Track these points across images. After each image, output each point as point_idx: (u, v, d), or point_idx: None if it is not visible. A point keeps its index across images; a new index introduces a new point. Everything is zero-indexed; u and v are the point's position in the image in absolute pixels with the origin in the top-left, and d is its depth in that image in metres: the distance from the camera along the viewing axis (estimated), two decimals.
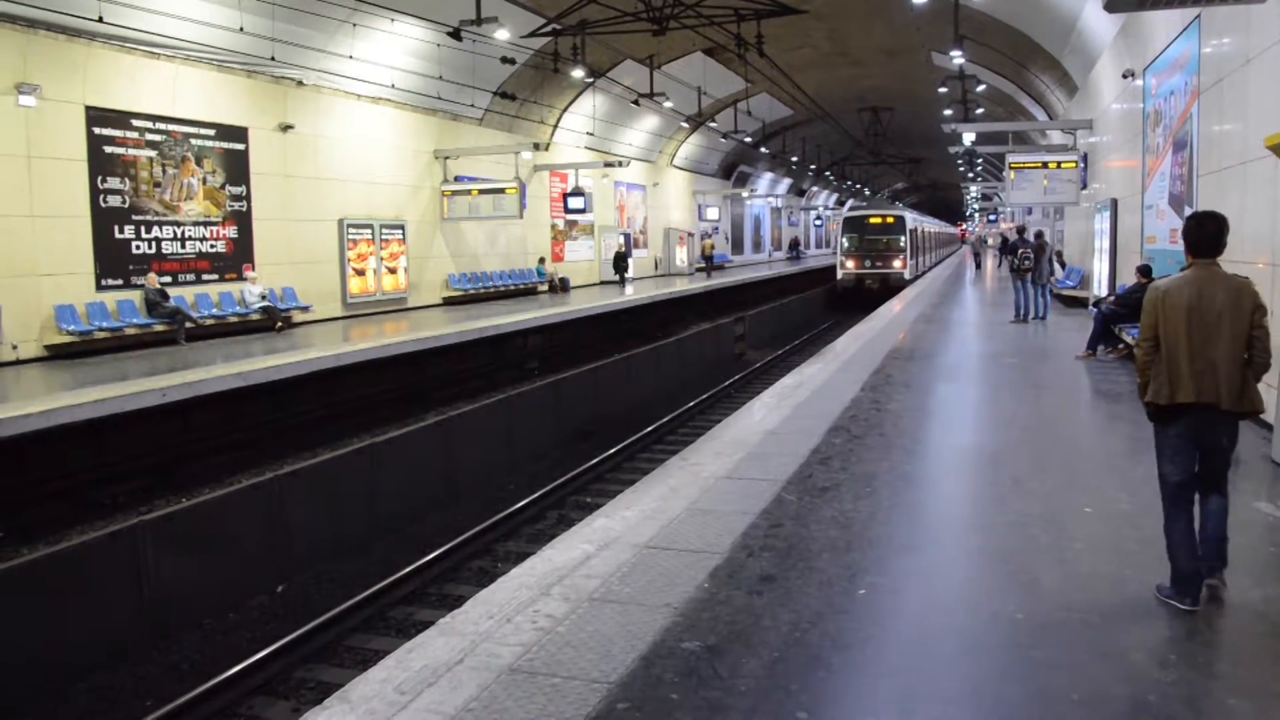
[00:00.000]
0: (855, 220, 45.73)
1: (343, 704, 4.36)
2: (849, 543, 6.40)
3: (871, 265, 43.41)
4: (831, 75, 40.19)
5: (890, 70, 40.10)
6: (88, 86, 17.94)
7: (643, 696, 4.34)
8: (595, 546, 6.32)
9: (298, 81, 22.61)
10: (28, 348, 16.96)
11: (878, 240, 44.20)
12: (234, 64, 20.65)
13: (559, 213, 35.49)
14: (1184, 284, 5.24)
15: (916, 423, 10.63)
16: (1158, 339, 5.28)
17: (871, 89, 44.63)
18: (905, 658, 4.82)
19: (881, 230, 44.41)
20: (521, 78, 29.33)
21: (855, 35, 34.60)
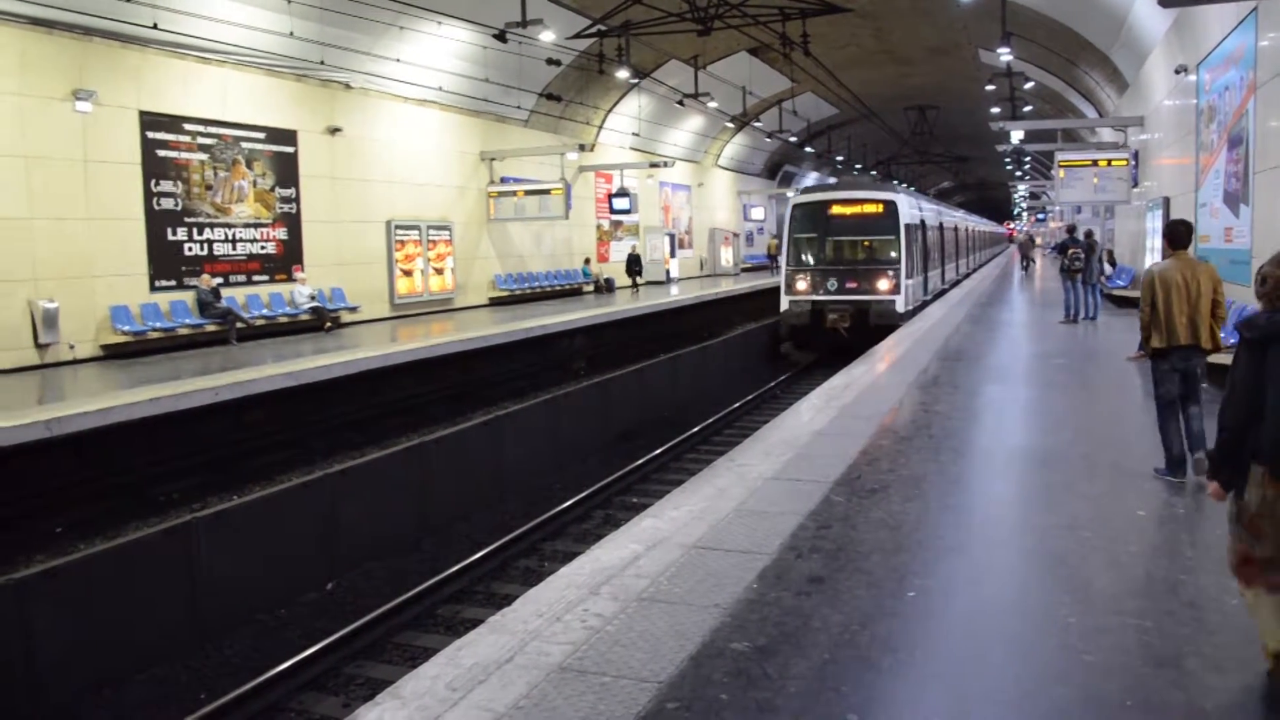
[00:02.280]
0: (812, 209, 25.29)
1: (395, 700, 4.40)
2: (898, 544, 6.37)
3: (839, 289, 24.07)
4: (877, 73, 39.94)
5: (936, 68, 39.78)
6: (141, 92, 18.24)
7: (692, 696, 4.35)
8: (644, 546, 6.33)
9: (345, 85, 22.83)
10: (84, 347, 17.27)
11: (851, 244, 25.46)
12: (283, 68, 20.90)
13: (604, 213, 35.59)
14: (1170, 268, 7.66)
15: (965, 424, 10.55)
16: (1154, 305, 7.66)
17: (917, 87, 44.25)
18: (956, 660, 4.79)
19: (857, 226, 25.08)
20: (567, 79, 29.42)
21: (901, 33, 34.37)
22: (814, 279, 24.26)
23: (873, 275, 23.89)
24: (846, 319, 23.52)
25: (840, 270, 24.26)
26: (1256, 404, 4.25)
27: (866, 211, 24.60)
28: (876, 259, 24.44)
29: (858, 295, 23.63)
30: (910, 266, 24.43)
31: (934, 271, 30.45)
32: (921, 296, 26.61)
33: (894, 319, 22.75)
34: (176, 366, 15.91)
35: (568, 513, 13.00)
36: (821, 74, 33.26)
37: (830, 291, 23.97)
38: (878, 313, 23.15)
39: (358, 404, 16.13)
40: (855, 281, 23.92)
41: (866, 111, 43.32)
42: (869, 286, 23.68)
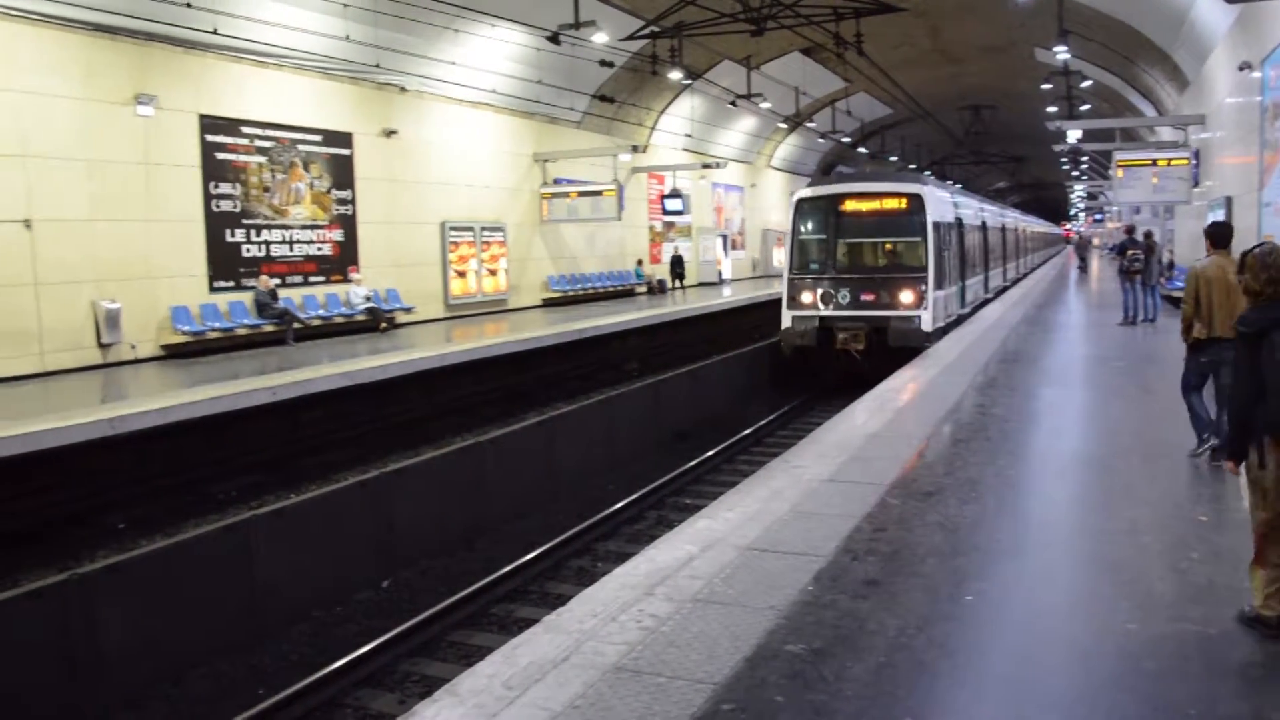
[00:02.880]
0: (819, 205, 21.07)
1: (451, 697, 4.44)
2: (954, 548, 6.32)
3: (852, 302, 20.12)
4: (931, 73, 39.61)
5: (992, 67, 39.37)
6: (201, 96, 18.54)
7: (747, 698, 4.35)
8: (698, 547, 6.34)
9: (400, 88, 23.04)
10: (145, 347, 17.59)
11: (867, 247, 21.44)
12: (339, 71, 21.14)
13: (657, 214, 35.62)
14: (1212, 266, 8.20)
15: (1022, 427, 10.44)
16: (1198, 301, 8.17)
17: (972, 86, 43.82)
18: (1013, 666, 4.75)
19: (875, 225, 21.03)
20: (619, 80, 29.49)
21: (956, 32, 34.07)
22: (822, 290, 20.09)
23: (893, 286, 19.63)
24: (861, 339, 19.43)
25: (854, 280, 20.11)
26: (1258, 388, 4.89)
27: (886, 208, 20.23)
28: (898, 266, 20.29)
29: (874, 310, 19.59)
30: (940, 274, 19.99)
31: (975, 279, 26.12)
32: (956, 310, 22.42)
33: (918, 339, 18.68)
34: (235, 366, 16.14)
35: (621, 513, 13.02)
36: (875, 74, 33.06)
37: (841, 305, 19.86)
38: (898, 332, 19.02)
39: (412, 404, 16.27)
40: (871, 293, 19.72)
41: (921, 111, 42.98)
42: (888, 300, 19.53)
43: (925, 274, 19.45)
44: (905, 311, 19.28)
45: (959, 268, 22.97)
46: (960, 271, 23.18)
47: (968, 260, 24.45)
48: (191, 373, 15.69)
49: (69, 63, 16.36)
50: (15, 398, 13.88)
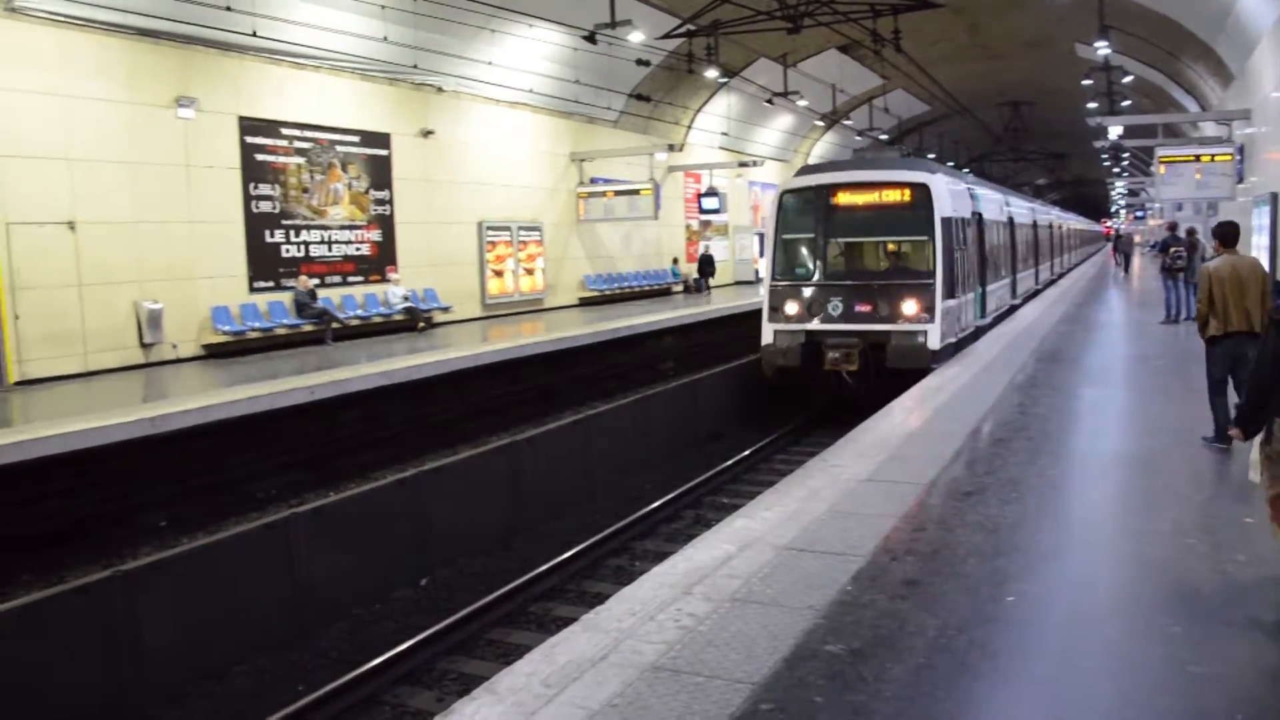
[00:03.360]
0: (806, 197, 17.89)
1: (490, 695, 4.46)
2: (995, 548, 6.26)
3: (844, 314, 17.03)
4: (969, 69, 39.31)
5: (1031, 63, 39.00)
6: (240, 98, 18.72)
7: (786, 698, 4.33)
8: (736, 547, 6.32)
9: (438, 88, 23.15)
10: (186, 347, 17.78)
11: (862, 248, 18.61)
12: (377, 73, 21.27)
13: (693, 213, 35.59)
14: (1223, 264, 8.67)
15: (1063, 426, 10.34)
16: (1212, 298, 8.60)
17: (1011, 82, 43.43)
18: (1056, 668, 4.70)
19: (872, 222, 17.88)
20: (656, 79, 29.48)
21: (994, 27, 33.78)
22: (808, 300, 16.92)
23: (894, 294, 16.42)
24: (853, 359, 16.16)
25: (846, 287, 16.82)
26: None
27: (886, 200, 16.99)
28: (900, 270, 17.34)
29: (870, 324, 16.36)
30: (952, 280, 16.85)
31: (999, 284, 22.80)
32: (973, 321, 19.04)
33: (923, 359, 15.65)
34: (274, 366, 16.28)
35: (658, 512, 13.02)
36: (913, 70, 32.85)
37: (832, 318, 16.65)
38: (899, 350, 15.92)
39: (449, 403, 16.34)
40: (868, 303, 16.53)
41: (959, 108, 42.67)
42: (888, 311, 16.33)
43: (933, 280, 16.20)
44: (908, 325, 16.12)
45: (977, 271, 19.73)
46: (980, 275, 19.92)
47: (990, 262, 21.21)
48: (231, 372, 15.84)
49: (112, 67, 16.56)
50: (60, 397, 14.08)
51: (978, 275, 19.65)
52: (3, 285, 15.05)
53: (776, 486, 7.98)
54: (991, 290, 21.33)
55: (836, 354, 16.33)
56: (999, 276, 22.85)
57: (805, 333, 16.77)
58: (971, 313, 18.87)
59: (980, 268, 19.97)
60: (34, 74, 15.48)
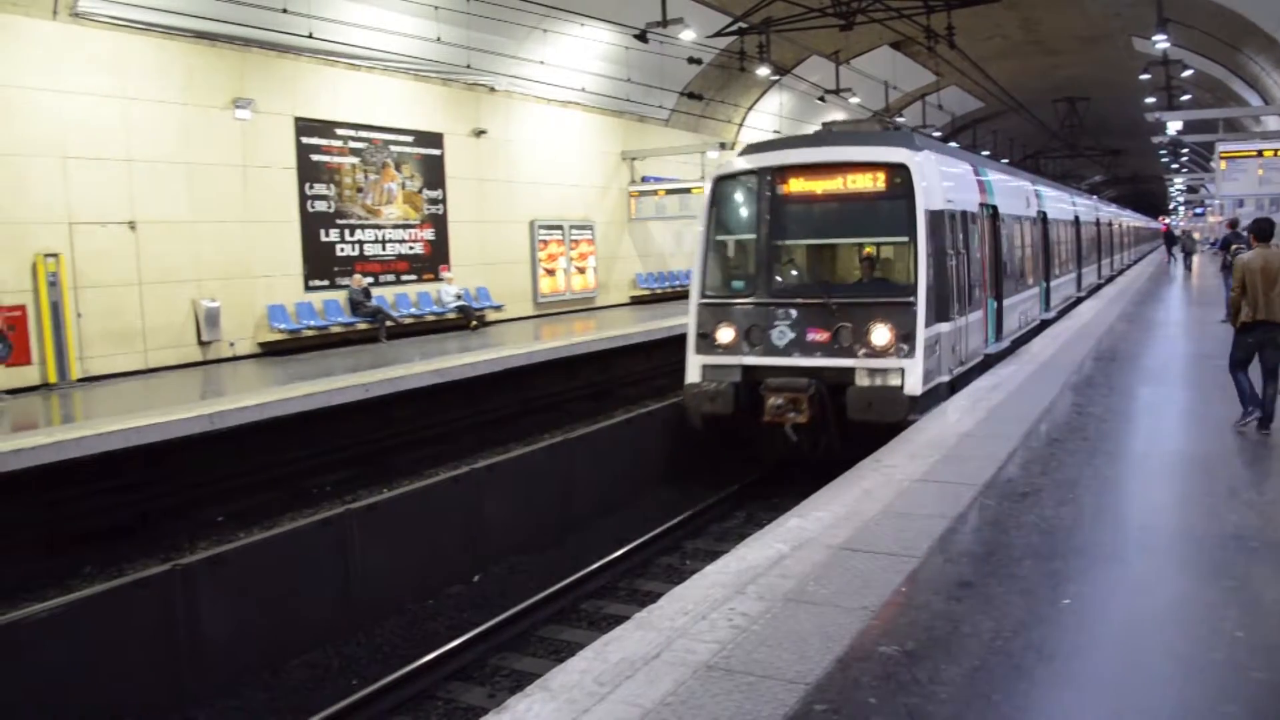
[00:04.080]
0: (750, 184, 13.33)
1: (543, 692, 4.48)
2: (1051, 550, 6.19)
3: (793, 345, 12.51)
4: (1024, 65, 38.84)
5: (1087, 58, 38.46)
6: (296, 99, 18.95)
7: (840, 699, 4.31)
8: (789, 546, 6.30)
9: (490, 88, 23.29)
10: (243, 345, 18.03)
11: (822, 255, 14.37)
12: (430, 73, 21.43)
13: None
14: (1257, 256, 9.26)
15: (1120, 427, 10.20)
16: (1244, 288, 9.21)
17: (1067, 78, 42.84)
18: (1114, 672, 4.64)
19: (833, 218, 13.37)
20: (707, 77, 29.44)
21: (1050, 23, 33.35)
22: (746, 324, 12.78)
23: (859, 318, 12.20)
24: (802, 407, 11.94)
25: (795, 308, 12.51)
26: None
27: (852, 188, 12.72)
28: (870, 284, 13.21)
29: (826, 358, 12.25)
30: (943, 296, 12.63)
31: (1022, 294, 18.30)
32: (980, 348, 14.74)
33: (896, 409, 11.60)
34: (329, 364, 16.45)
35: (709, 511, 13.01)
36: (966, 66, 32.51)
37: (776, 349, 12.52)
38: (862, 397, 11.83)
39: (502, 401, 16.43)
40: (823, 330, 12.31)
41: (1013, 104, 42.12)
42: (850, 340, 12.18)
43: (913, 297, 12.05)
44: (877, 361, 11.96)
45: (991, 281, 15.53)
46: (995, 286, 15.78)
47: (1009, 268, 16.95)
48: (287, 370, 16.03)
49: (171, 69, 16.84)
50: (121, 393, 14.34)
51: (991, 286, 15.51)
52: (66, 284, 15.35)
53: (829, 486, 7.94)
54: (1012, 305, 17.11)
55: (779, 400, 11.91)
56: (1024, 285, 18.63)
57: (741, 368, 12.62)
58: (978, 337, 14.57)
59: (995, 276, 15.75)
60: (96, 77, 15.79)
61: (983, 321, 15.00)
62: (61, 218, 15.39)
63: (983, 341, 14.97)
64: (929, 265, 12.15)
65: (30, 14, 14.89)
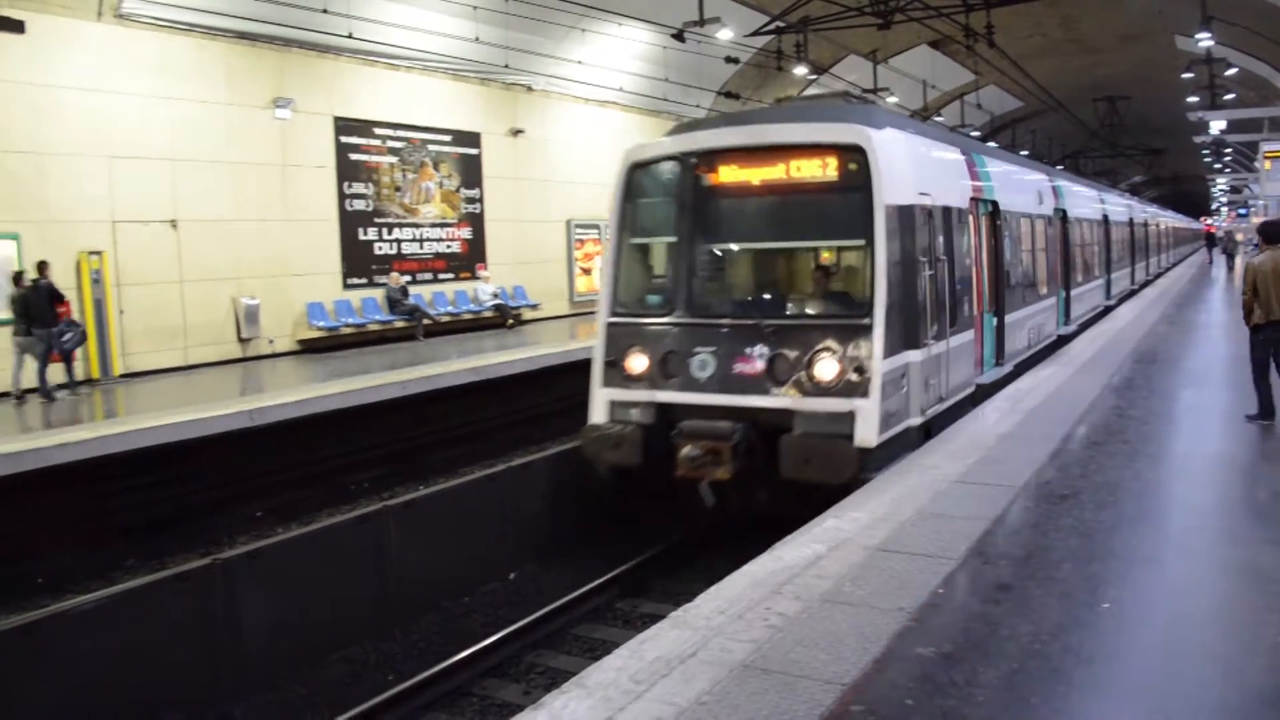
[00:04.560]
0: (671, 172, 10.61)
1: (580, 689, 4.50)
2: (1091, 553, 6.14)
3: (716, 378, 9.80)
4: (1064, 64, 38.50)
5: (1128, 56, 38.07)
6: (335, 98, 19.10)
7: (877, 700, 4.30)
8: (826, 547, 6.29)
9: (527, 87, 23.37)
10: (282, 342, 18.21)
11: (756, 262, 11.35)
12: (468, 72, 21.53)
13: None
14: (1265, 260, 9.57)
15: (1161, 429, 10.09)
16: (1255, 289, 9.51)
17: (1107, 76, 42.41)
18: (1155, 677, 4.60)
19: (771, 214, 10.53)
20: (745, 76, 29.40)
21: (1090, 21, 33.05)
22: (662, 350, 10.22)
23: (799, 345, 9.64)
24: (725, 459, 9.48)
25: (721, 331, 10.03)
26: None
27: (795, 177, 10.03)
28: (815, 300, 10.48)
29: (756, 397, 9.68)
30: (911, 316, 9.99)
31: (1031, 309, 15.65)
32: (969, 379, 11.96)
33: (843, 465, 9.01)
34: (366, 361, 16.58)
35: None
36: (1005, 65, 32.25)
37: (697, 383, 9.96)
38: (799, 450, 9.28)
39: (538, 399, 16.48)
40: (753, 360, 9.75)
41: (1053, 103, 41.75)
42: (787, 372, 9.60)
43: (868, 318, 9.38)
44: (820, 402, 9.35)
45: (986, 293, 12.94)
46: (993, 299, 13.27)
47: (1014, 277, 14.57)
48: (325, 367, 16.17)
49: (213, 69, 17.04)
50: (162, 390, 14.52)
51: (990, 298, 13.12)
52: (109, 281, 15.57)
53: (867, 487, 7.92)
54: (1018, 320, 14.60)
55: (695, 450, 9.40)
56: (1034, 296, 16.01)
57: (655, 406, 10.10)
58: (967, 364, 11.91)
59: (995, 287, 13.35)
60: (140, 77, 16.00)
61: (975, 344, 12.28)
62: (105, 216, 15.62)
63: (975, 368, 12.29)
64: (892, 276, 9.49)
65: (77, 16, 15.11)
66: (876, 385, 9.13)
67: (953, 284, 11.19)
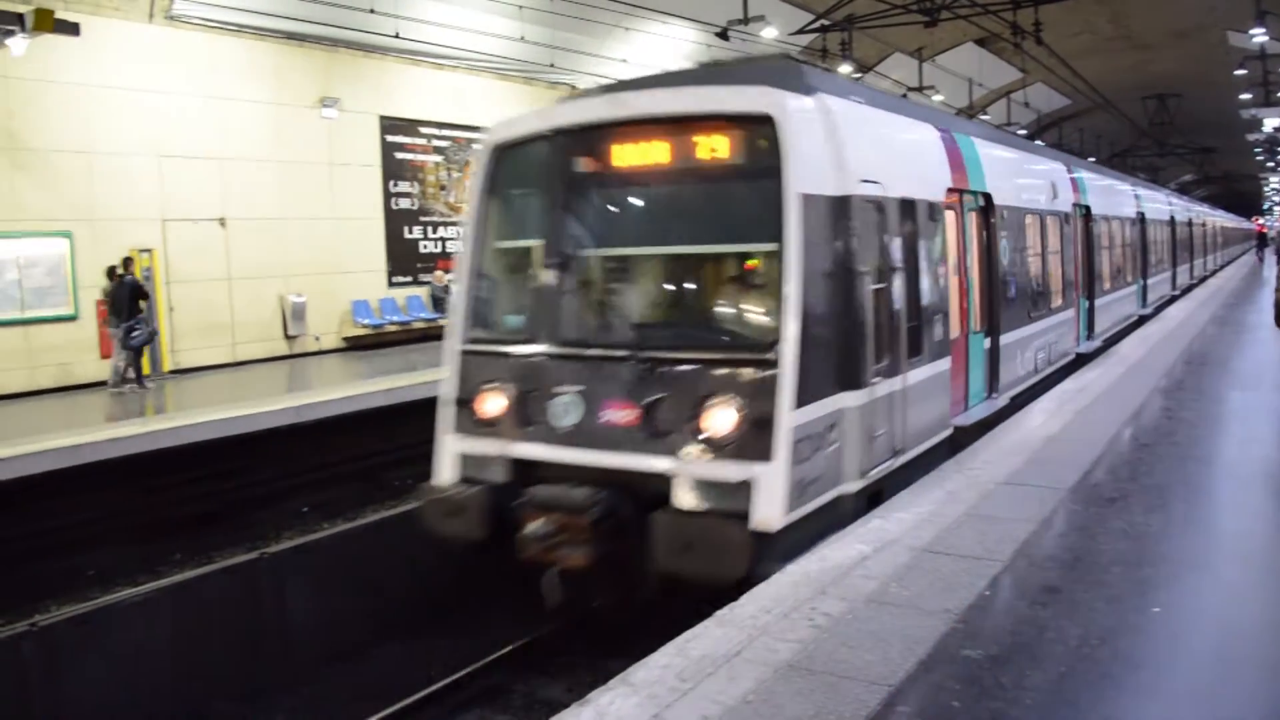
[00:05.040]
0: (540, 156, 8.21)
1: (625, 686, 4.52)
2: (1140, 557, 6.07)
3: (583, 435, 7.37)
4: (1114, 61, 38.01)
5: (1179, 53, 37.53)
6: (380, 98, 19.28)
7: (922, 701, 4.29)
8: (871, 547, 6.26)
9: (572, 86, 23.42)
10: (328, 339, 18.40)
11: (645, 271, 8.29)
12: (513, 72, 21.62)
13: None
14: None
15: (1212, 432, 9.95)
16: None
17: (1158, 74, 41.83)
18: (1206, 683, 4.55)
19: (659, 206, 8.13)
20: None
21: (1140, 17, 32.62)
22: (521, 389, 7.81)
23: (684, 387, 7.15)
24: (582, 539, 7.09)
25: (586, 366, 7.58)
26: None
27: (684, 162, 7.65)
28: (708, 328, 7.80)
29: (628, 455, 7.23)
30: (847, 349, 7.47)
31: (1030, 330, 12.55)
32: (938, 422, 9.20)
33: (732, 560, 6.52)
34: (411, 358, 16.69)
35: None
36: (1053, 63, 31.91)
37: (555, 434, 7.56)
38: (674, 535, 6.79)
39: None
40: (627, 404, 7.29)
41: (1101, 101, 41.25)
42: (669, 425, 7.11)
43: (772, 352, 6.96)
44: (707, 467, 6.98)
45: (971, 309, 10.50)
46: (984, 316, 10.86)
47: (1015, 287, 11.78)
48: (371, 364, 16.31)
49: (261, 69, 17.25)
50: (211, 386, 14.72)
51: (974, 317, 10.57)
52: (160, 279, 15.80)
53: (911, 488, 7.86)
54: (1016, 341, 11.84)
55: (543, 526, 7.15)
56: (1044, 310, 13.19)
57: (509, 463, 7.74)
58: (935, 406, 9.06)
59: (987, 301, 10.89)
60: (190, 78, 16.21)
61: (954, 374, 9.72)
62: (155, 214, 15.85)
63: (956, 404, 9.83)
64: (812, 292, 7.02)
65: (129, 17, 15.35)
66: (784, 444, 6.65)
67: (916, 300, 8.59)
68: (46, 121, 15.00)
